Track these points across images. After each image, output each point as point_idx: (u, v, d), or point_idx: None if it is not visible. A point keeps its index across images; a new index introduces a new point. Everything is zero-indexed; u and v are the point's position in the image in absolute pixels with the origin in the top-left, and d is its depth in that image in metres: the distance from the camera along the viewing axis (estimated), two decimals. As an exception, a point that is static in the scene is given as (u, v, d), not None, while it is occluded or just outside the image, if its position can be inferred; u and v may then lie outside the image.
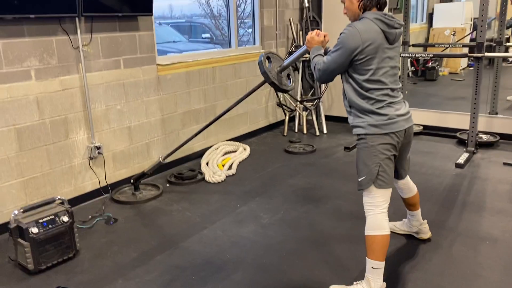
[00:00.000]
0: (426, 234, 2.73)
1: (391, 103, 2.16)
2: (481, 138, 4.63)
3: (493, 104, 5.17)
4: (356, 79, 2.15)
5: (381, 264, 2.16)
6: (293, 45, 5.60)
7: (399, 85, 2.23)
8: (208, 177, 3.90)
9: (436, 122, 5.11)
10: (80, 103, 3.34)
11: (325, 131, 5.38)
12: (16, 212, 2.55)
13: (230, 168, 4.15)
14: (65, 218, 2.62)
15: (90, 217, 3.22)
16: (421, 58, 6.48)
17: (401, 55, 4.79)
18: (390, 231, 2.20)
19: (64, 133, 3.27)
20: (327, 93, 5.78)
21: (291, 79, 2.86)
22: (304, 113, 5.46)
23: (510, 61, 7.74)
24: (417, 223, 2.72)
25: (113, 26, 3.48)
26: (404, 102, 2.27)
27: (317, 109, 5.58)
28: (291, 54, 5.51)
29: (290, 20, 5.53)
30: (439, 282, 2.32)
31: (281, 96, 5.49)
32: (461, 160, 4.07)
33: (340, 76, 2.25)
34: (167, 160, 3.47)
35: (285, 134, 5.34)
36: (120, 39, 3.54)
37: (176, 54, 4.48)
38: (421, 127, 5.11)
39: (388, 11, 2.28)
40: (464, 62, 8.83)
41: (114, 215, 3.23)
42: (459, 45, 5.75)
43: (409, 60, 7.64)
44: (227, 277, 2.43)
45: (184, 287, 2.36)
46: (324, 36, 2.32)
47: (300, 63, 5.52)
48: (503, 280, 2.32)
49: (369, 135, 2.16)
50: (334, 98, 5.78)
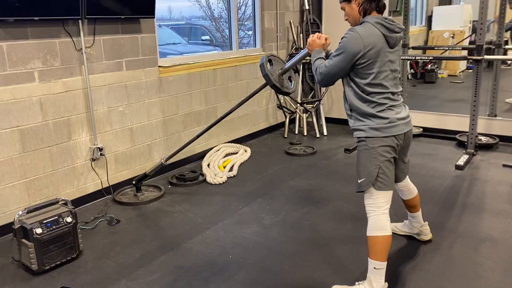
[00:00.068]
0: (427, 235, 2.75)
1: (392, 106, 2.18)
2: (481, 140, 4.66)
3: (492, 106, 5.20)
4: (357, 82, 2.17)
5: (383, 265, 2.18)
6: (294, 48, 5.62)
7: (399, 88, 2.26)
8: (209, 179, 3.92)
9: (435, 124, 5.13)
10: (83, 105, 3.36)
11: (325, 133, 5.40)
12: (20, 212, 2.57)
13: (231, 169, 4.18)
14: (69, 219, 2.64)
15: (92, 218, 3.24)
16: (420, 60, 6.50)
17: (401, 57, 4.81)
18: (392, 232, 2.23)
19: (67, 135, 3.29)
20: (327, 95, 5.81)
21: (293, 82, 2.87)
22: (304, 115, 5.48)
23: (509, 63, 7.77)
24: (418, 225, 2.74)
25: (116, 28, 3.50)
26: (404, 105, 2.29)
27: (317, 111, 5.61)
28: (291, 56, 5.53)
29: (290, 23, 5.56)
30: (439, 283, 2.34)
31: (282, 98, 5.52)
32: (461, 162, 4.09)
33: (341, 79, 2.26)
34: (168, 162, 3.49)
35: (286, 136, 5.37)
36: (122, 41, 3.56)
37: (176, 56, 4.50)
38: (421, 129, 5.13)
39: (387, 14, 2.31)
40: (463, 64, 8.85)
41: (116, 216, 3.25)
42: (458, 48, 5.78)
43: (409, 62, 7.66)
44: (230, 277, 2.45)
45: (187, 287, 2.38)
46: (326, 39, 2.34)
47: (301, 65, 5.53)
48: (503, 281, 2.34)
49: (369, 138, 2.18)
50: (334, 100, 5.80)
